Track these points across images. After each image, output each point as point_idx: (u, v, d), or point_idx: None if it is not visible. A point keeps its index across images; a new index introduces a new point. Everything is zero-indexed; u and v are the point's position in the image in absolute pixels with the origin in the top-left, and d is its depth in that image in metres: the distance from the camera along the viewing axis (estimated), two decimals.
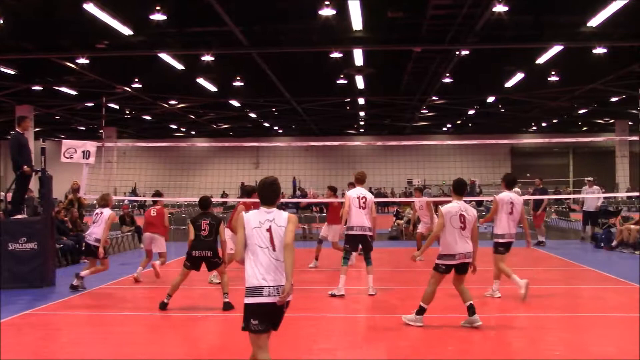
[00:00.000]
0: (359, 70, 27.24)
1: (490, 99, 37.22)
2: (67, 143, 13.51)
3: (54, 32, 21.42)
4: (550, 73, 28.96)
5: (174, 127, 51.46)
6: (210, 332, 9.11)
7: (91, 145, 13.48)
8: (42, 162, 13.36)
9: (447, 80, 29.56)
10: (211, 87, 31.30)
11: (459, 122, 50.30)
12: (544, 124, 51.28)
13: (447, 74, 28.22)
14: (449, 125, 53.03)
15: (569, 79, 30.62)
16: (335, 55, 23.25)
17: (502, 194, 10.74)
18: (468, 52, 24.05)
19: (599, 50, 22.43)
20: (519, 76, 29.10)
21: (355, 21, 19.11)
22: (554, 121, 49.28)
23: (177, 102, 38.16)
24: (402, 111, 42.79)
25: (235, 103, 37.61)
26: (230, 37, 21.10)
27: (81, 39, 22.26)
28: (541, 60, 24.74)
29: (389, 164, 41.52)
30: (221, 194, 39.64)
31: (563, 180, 52.34)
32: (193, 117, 44.24)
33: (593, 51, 22.64)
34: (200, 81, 29.79)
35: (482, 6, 18.30)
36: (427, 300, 8.63)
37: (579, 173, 50.52)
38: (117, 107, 38.61)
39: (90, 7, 17.24)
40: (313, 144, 40.55)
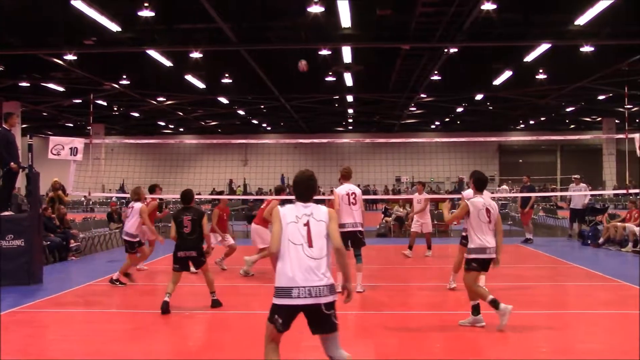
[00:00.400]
0: (348, 67, 27.27)
1: (479, 97, 37.33)
2: (54, 140, 13.44)
3: (41, 28, 21.34)
4: (538, 71, 29.13)
5: (162, 124, 51.38)
6: (197, 330, 9.09)
7: (79, 142, 13.42)
8: (29, 159, 13.27)
9: (435, 77, 29.66)
10: (200, 84, 31.25)
11: (447, 120, 50.39)
12: (531, 122, 51.47)
13: (436, 72, 28.29)
14: (437, 123, 53.12)
15: (556, 77, 30.79)
16: (324, 52, 23.26)
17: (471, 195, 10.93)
18: (456, 49, 24.12)
19: (587, 49, 22.56)
20: (507, 74, 29.21)
21: (344, 18, 19.13)
22: (541, 119, 49.48)
23: (166, 99, 38.08)
24: (390, 109, 42.82)
25: (223, 100, 37.58)
26: (219, 34, 21.09)
27: (69, 35, 22.18)
28: (529, 58, 24.83)
29: (378, 161, 41.63)
30: (210, 191, 39.53)
31: (551, 177, 52.59)
32: (181, 114, 44.15)
33: (580, 49, 22.77)
34: (189, 78, 29.74)
35: (471, 4, 18.37)
36: (476, 298, 8.45)
37: (566, 171, 50.85)
38: (105, 104, 38.51)
39: (78, 3, 17.20)
40: (302, 141, 40.61)
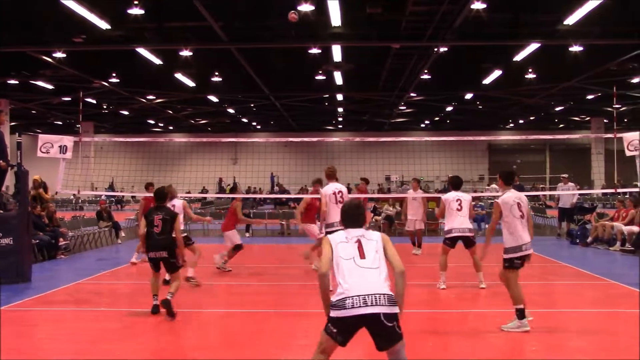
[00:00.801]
0: (338, 66, 27.24)
1: (469, 96, 37.36)
2: (43, 138, 13.38)
3: (30, 26, 21.19)
4: (528, 70, 29.18)
5: (151, 122, 51.20)
6: (186, 329, 9.06)
7: (68, 140, 13.37)
8: (18, 157, 13.22)
9: (425, 76, 29.66)
10: (189, 82, 31.14)
11: (437, 119, 50.42)
12: (521, 121, 51.60)
13: (426, 71, 28.29)
14: (427, 122, 53.13)
15: (545, 77, 30.87)
16: (314, 51, 23.24)
17: (451, 198, 11.46)
18: (446, 49, 24.14)
19: (576, 49, 22.63)
20: (497, 73, 29.24)
21: (334, 17, 19.11)
22: (531, 118, 49.62)
23: (155, 97, 37.93)
24: (380, 107, 42.84)
25: (213, 98, 37.48)
26: (209, 32, 21.01)
27: (58, 33, 22.04)
28: (519, 57, 24.88)
29: (367, 160, 41.47)
30: (200, 189, 39.49)
31: (540, 176, 52.78)
32: (171, 112, 44.01)
33: (569, 49, 22.83)
34: (179, 76, 29.63)
35: (461, 4, 18.39)
36: (520, 300, 8.18)
37: (555, 170, 51.04)
38: (95, 102, 38.29)
39: (68, 1, 17.08)
40: (291, 139, 40.58)
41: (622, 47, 23.84)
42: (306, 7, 17.96)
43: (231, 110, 43.88)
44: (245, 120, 50.65)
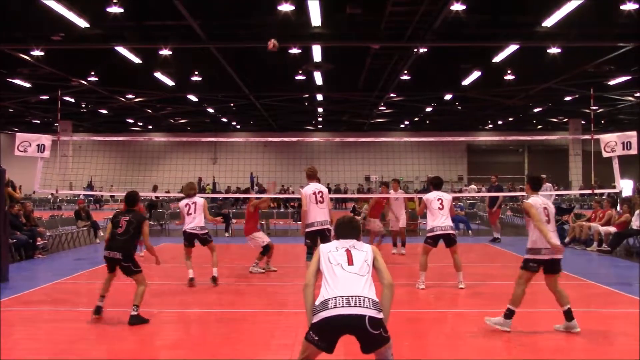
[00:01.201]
0: (318, 66, 27.27)
1: (448, 97, 37.55)
2: (21, 136, 13.26)
3: (7, 23, 20.98)
4: (507, 72, 29.39)
5: (131, 121, 50.93)
6: (164, 329, 9.03)
7: (46, 139, 13.26)
8: None
9: (405, 77, 29.76)
10: (169, 81, 31.04)
11: (416, 120, 50.61)
12: (499, 122, 51.92)
13: (405, 71, 28.40)
14: (406, 123, 53.31)
15: (524, 78, 31.10)
16: (294, 51, 23.24)
17: (432, 198, 11.72)
18: (426, 49, 24.26)
19: (554, 50, 22.85)
20: (476, 74, 29.45)
21: (314, 17, 19.14)
22: (509, 119, 49.97)
23: (134, 96, 37.73)
24: (360, 108, 42.91)
25: (193, 98, 37.35)
26: (189, 31, 20.95)
27: (36, 31, 21.87)
28: (497, 59, 25.07)
29: (347, 160, 41.71)
30: (179, 189, 39.40)
31: (518, 177, 53.13)
32: (150, 111, 43.79)
33: (548, 51, 23.05)
34: (158, 75, 29.52)
35: (440, 4, 18.49)
36: (517, 303, 8.26)
37: (533, 170, 51.35)
38: (73, 101, 38.02)
39: None
40: (271, 139, 40.50)
41: (599, 49, 24.09)
42: (286, 7, 18.00)
43: (211, 110, 43.75)
44: (225, 119, 50.54)
